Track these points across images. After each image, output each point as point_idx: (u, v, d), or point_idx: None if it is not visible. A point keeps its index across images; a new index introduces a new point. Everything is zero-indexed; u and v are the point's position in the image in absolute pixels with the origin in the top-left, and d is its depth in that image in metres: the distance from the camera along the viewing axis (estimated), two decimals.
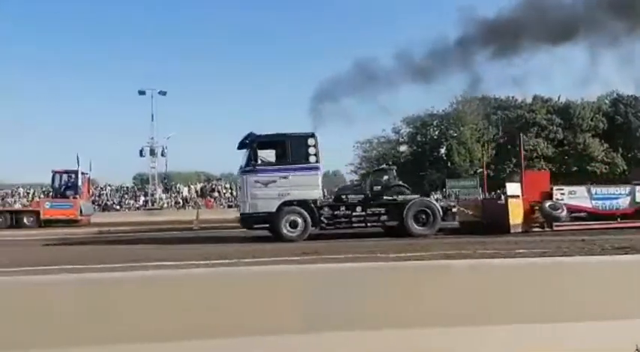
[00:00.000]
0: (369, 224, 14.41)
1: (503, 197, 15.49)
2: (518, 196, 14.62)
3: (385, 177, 16.34)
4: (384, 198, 14.96)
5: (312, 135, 14.40)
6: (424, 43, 24.85)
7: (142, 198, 39.52)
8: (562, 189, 15.26)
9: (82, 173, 20.39)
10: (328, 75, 36.69)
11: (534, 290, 3.31)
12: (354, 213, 14.39)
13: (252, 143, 14.31)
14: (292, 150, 14.28)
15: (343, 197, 15.01)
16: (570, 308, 3.25)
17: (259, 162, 14.20)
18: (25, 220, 21.89)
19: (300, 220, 13.89)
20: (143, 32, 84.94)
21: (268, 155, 14.63)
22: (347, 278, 3.37)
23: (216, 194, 40.03)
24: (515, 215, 14.23)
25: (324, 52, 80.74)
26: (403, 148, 46.84)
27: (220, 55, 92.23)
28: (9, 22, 78.67)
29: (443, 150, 45.45)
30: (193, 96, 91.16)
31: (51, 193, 24.49)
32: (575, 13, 17.72)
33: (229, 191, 38.66)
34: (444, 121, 45.83)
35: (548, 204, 14.34)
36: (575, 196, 15.00)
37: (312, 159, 14.13)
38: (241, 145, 14.59)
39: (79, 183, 20.92)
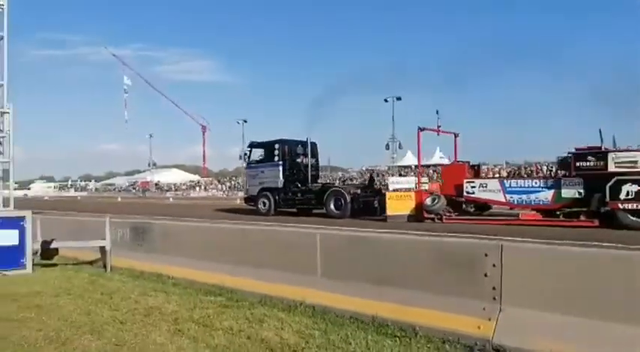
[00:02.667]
0: (305, 206, 19.77)
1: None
2: (409, 189, 17.04)
3: None
4: (313, 186, 20.23)
5: (278, 142, 20.88)
6: None
7: None
8: (473, 182, 15.34)
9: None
10: None
11: None
12: (296, 198, 20.25)
13: (249, 147, 22.48)
14: (266, 153, 21.24)
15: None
16: None
17: (251, 160, 21.84)
18: None
19: (267, 201, 20.71)
20: None
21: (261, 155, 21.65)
22: None
23: None
24: (394, 206, 16.23)
25: None
26: None
27: None
28: None
29: None
30: None
31: None
32: None
33: None
34: None
35: (430, 198, 15.52)
36: (486, 190, 15.04)
37: (276, 158, 20.62)
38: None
39: None
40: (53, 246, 8.38)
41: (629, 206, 12.48)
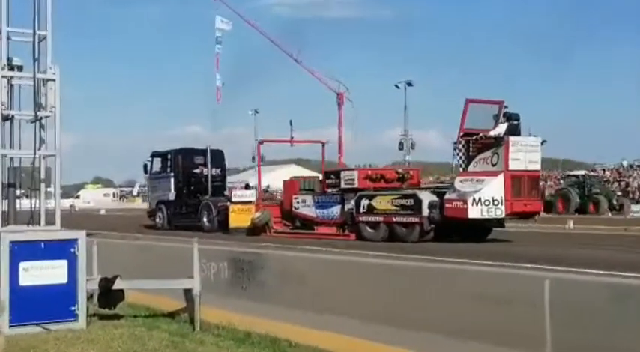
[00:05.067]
0: (190, 221, 22.48)
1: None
2: (250, 202, 20.51)
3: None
4: (192, 200, 23.68)
5: (171, 152, 23.91)
6: None
7: None
8: (298, 198, 19.02)
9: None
10: None
11: None
12: (181, 212, 23.30)
13: (150, 157, 24.72)
14: (162, 163, 24.25)
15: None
16: None
17: (153, 171, 24.92)
18: None
19: (162, 215, 23.33)
20: None
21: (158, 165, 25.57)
22: None
23: None
24: (235, 219, 19.85)
25: None
26: None
27: None
28: None
29: None
30: None
31: None
32: None
33: None
34: None
35: (258, 212, 19.64)
36: (305, 205, 18.41)
37: (169, 170, 23.70)
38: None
39: None
40: (117, 286, 7.36)
41: (365, 219, 15.98)
